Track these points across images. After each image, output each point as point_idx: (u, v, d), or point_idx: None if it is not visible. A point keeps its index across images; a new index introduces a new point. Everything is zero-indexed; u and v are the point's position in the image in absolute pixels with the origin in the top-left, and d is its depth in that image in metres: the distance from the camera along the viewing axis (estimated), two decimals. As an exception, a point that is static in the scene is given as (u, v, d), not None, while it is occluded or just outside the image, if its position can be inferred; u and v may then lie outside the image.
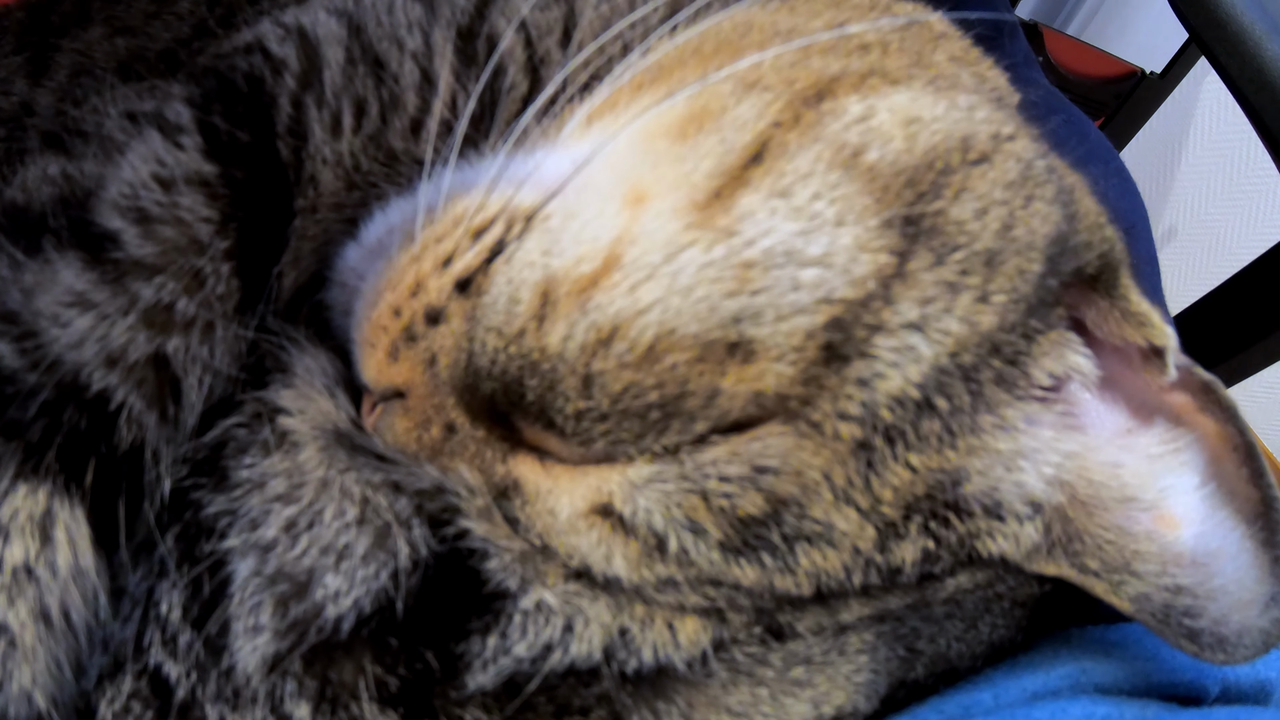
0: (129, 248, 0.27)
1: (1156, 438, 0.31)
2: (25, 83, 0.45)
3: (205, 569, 0.27)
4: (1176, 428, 0.30)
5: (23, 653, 0.26)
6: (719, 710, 0.26)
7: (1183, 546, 0.29)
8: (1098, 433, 0.31)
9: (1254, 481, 0.29)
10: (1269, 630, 0.28)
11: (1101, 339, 0.30)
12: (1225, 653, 0.29)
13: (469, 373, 0.24)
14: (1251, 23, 0.67)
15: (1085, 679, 0.34)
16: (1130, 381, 0.30)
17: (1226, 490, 0.29)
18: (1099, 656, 0.35)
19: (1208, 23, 0.68)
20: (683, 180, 0.23)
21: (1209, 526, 0.29)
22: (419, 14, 0.31)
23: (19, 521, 0.25)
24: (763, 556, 0.23)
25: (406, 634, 0.25)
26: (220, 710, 0.27)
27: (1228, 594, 0.29)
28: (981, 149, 0.24)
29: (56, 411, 0.25)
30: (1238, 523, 0.29)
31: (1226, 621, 0.28)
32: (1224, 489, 0.29)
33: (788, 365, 0.21)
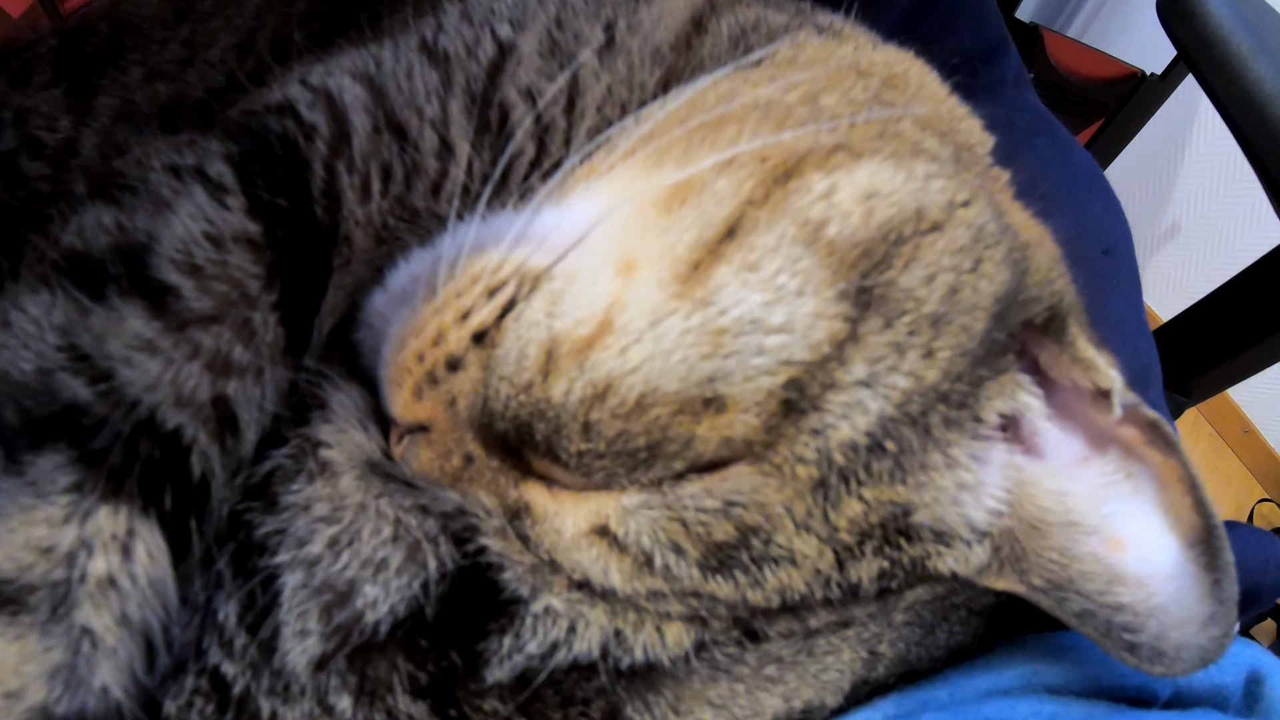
0: (188, 300, 0.32)
1: (1110, 466, 0.34)
2: (69, 120, 0.50)
3: (258, 582, 0.31)
4: (1128, 458, 0.34)
5: (104, 653, 0.30)
6: (701, 702, 0.31)
7: (1126, 567, 0.33)
8: (1055, 459, 0.35)
9: (1196, 510, 0.32)
10: (1207, 647, 0.31)
11: (1055, 379, 0.34)
12: (1164, 665, 0.32)
13: (485, 414, 0.29)
14: (1239, 43, 0.69)
15: (1036, 680, 0.38)
16: (1085, 415, 0.34)
17: (1172, 517, 0.33)
18: (1050, 660, 0.39)
19: (1196, 42, 0.70)
20: (667, 252, 0.27)
21: (1154, 550, 0.33)
22: (435, 82, 0.35)
23: (103, 538, 0.30)
24: (735, 574, 0.28)
25: (434, 635, 0.29)
26: (272, 703, 0.31)
27: (1168, 612, 0.32)
28: (934, 218, 0.28)
29: (133, 443, 0.30)
30: (1181, 547, 0.32)
31: (1166, 637, 0.32)
32: (1170, 516, 0.33)
33: (753, 417, 0.25)
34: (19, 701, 0.29)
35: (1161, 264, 1.63)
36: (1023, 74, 0.72)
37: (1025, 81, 0.71)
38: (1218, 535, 0.32)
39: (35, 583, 0.30)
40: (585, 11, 0.36)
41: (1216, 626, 0.31)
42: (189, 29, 0.54)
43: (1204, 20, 0.69)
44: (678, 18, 0.37)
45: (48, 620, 0.30)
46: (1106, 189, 0.63)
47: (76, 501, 0.30)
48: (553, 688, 0.30)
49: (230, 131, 0.37)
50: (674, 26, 0.36)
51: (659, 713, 0.31)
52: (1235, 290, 0.77)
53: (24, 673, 0.29)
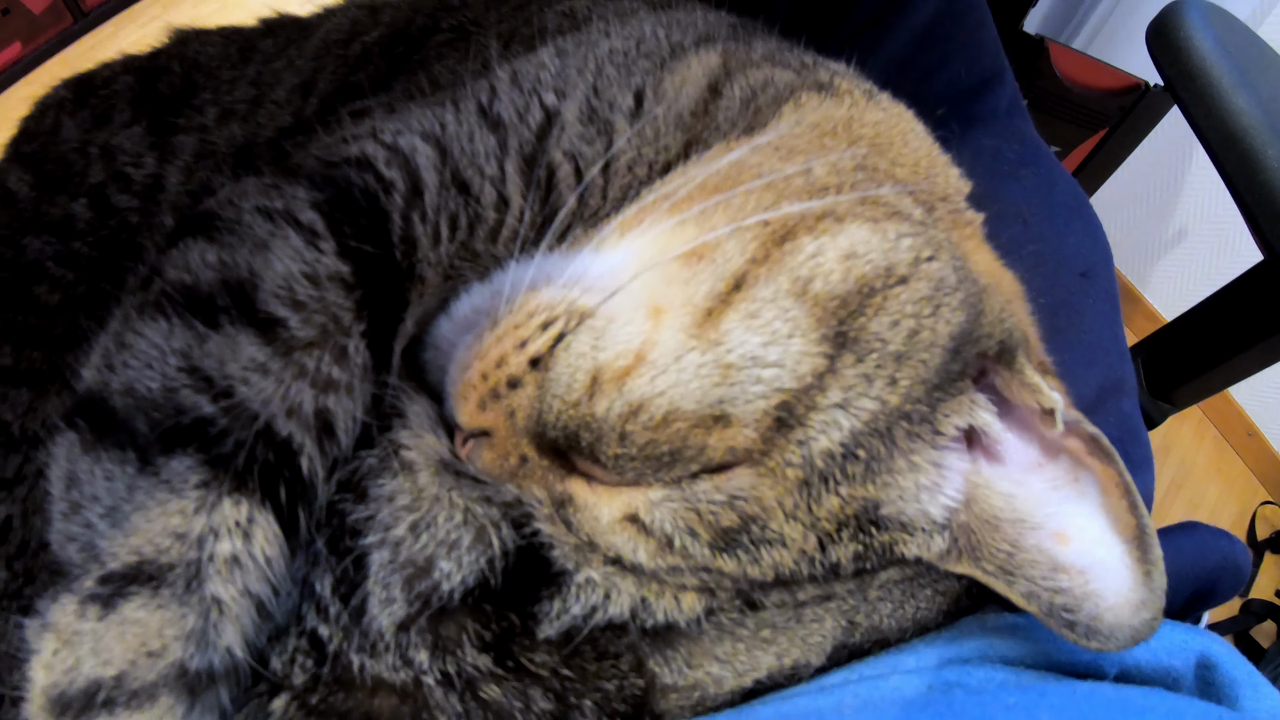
0: (294, 330, 0.40)
1: (1060, 472, 0.41)
2: (153, 158, 0.58)
3: (350, 560, 0.40)
4: (1076, 466, 0.40)
5: (229, 619, 0.38)
6: (709, 658, 0.39)
7: (1068, 558, 0.39)
8: (1013, 465, 0.42)
9: (1131, 511, 0.38)
10: (1138, 627, 0.37)
11: (1008, 397, 0.42)
12: (1099, 641, 0.37)
13: (539, 424, 0.37)
14: (1220, 76, 0.75)
15: (992, 652, 0.46)
16: (1038, 429, 0.42)
17: (1111, 517, 0.39)
18: (1006, 636, 0.47)
19: (1180, 74, 0.76)
20: (687, 301, 0.35)
21: (1093, 544, 0.39)
22: (493, 145, 0.43)
23: (227, 525, 0.38)
24: (738, 553, 0.36)
25: (497, 601, 0.38)
26: (361, 658, 0.40)
27: (1103, 597, 0.38)
28: (901, 273, 0.36)
29: (253, 448, 0.38)
30: (1118, 543, 0.39)
31: (1101, 618, 0.38)
32: (1109, 516, 0.39)
33: (752, 431, 0.34)
34: (160, 659, 0.36)
35: (1168, 268, 1.69)
36: (1017, 101, 0.79)
37: (1019, 109, 0.78)
38: (1149, 533, 0.38)
39: (173, 562, 0.37)
40: (618, 80, 0.44)
41: (1147, 610, 0.37)
42: (255, 69, 0.62)
43: (1188, 53, 0.75)
44: (697, 85, 0.45)
45: (184, 593, 0.37)
46: (1088, 215, 0.70)
47: (204, 496, 0.37)
48: (591, 644, 0.38)
49: (314, 181, 0.45)
50: (693, 94, 0.44)
51: (676, 665, 0.39)
52: (1214, 306, 0.84)
53: (165, 635, 0.36)
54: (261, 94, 0.60)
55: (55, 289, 0.55)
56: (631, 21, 0.51)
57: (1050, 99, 1.30)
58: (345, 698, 0.39)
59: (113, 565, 0.37)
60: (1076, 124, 1.33)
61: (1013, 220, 0.62)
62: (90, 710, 0.36)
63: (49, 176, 0.58)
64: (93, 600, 0.37)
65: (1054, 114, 1.31)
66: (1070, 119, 1.32)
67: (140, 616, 0.36)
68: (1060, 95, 1.29)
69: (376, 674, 0.39)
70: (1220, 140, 0.72)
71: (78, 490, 0.39)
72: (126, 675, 0.36)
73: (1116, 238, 1.78)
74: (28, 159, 0.60)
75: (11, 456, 0.52)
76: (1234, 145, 0.70)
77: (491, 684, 0.38)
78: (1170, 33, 0.76)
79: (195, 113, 0.59)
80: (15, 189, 0.59)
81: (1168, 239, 1.64)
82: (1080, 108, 1.29)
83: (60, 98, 0.62)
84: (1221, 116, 0.72)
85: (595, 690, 0.39)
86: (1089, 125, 1.33)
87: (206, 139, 0.58)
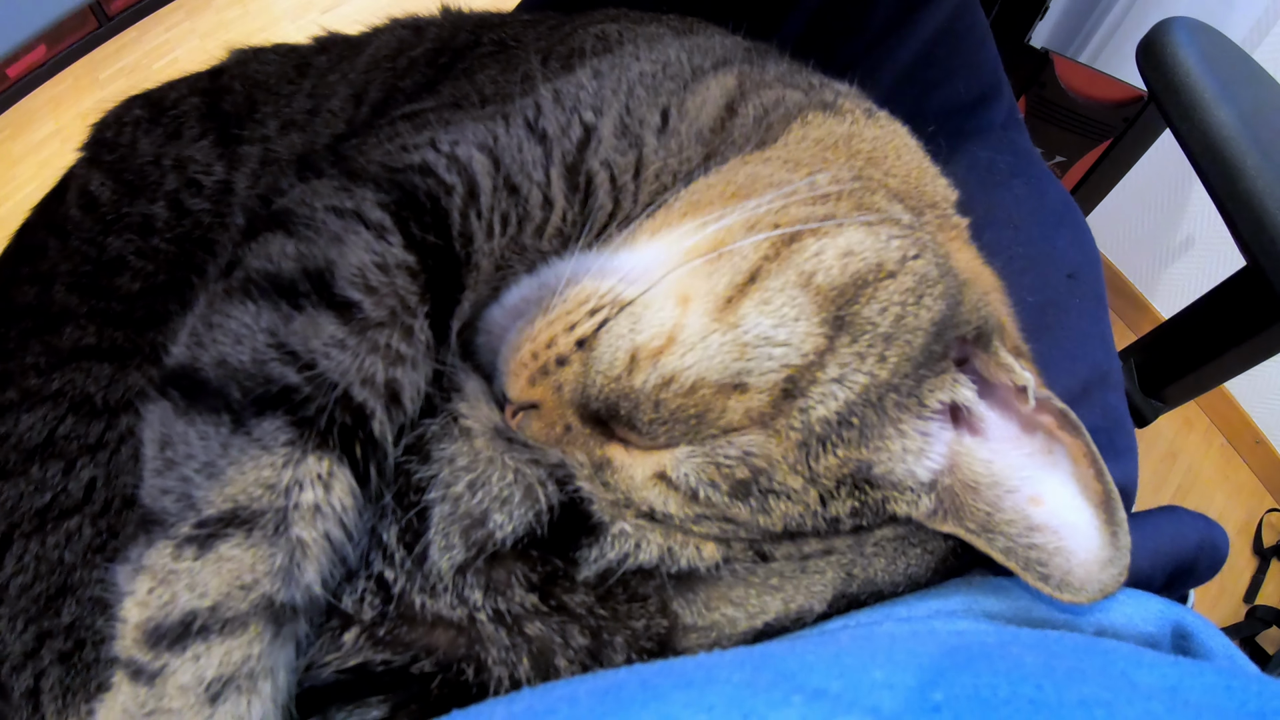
0: (367, 311, 0.48)
1: (1037, 444, 0.48)
2: (222, 166, 0.66)
3: (414, 513, 0.47)
4: (1050, 439, 0.47)
5: (310, 559, 0.45)
6: (725, 601, 0.47)
7: (1041, 519, 0.46)
8: (993, 438, 0.50)
9: (1098, 479, 0.45)
10: (1105, 581, 0.44)
11: (989, 379, 0.49)
12: (1070, 593, 0.44)
13: (584, 397, 0.45)
14: (1203, 90, 0.81)
15: (976, 607, 0.53)
16: (1011, 402, 0.49)
17: (1080, 484, 0.46)
18: (990, 593, 0.54)
19: (1165, 87, 0.83)
20: (710, 291, 0.43)
21: (1064, 508, 0.46)
22: (539, 155, 0.51)
23: (311, 478, 0.45)
24: (750, 502, 0.43)
25: (543, 547, 0.45)
26: (422, 598, 0.47)
27: (1075, 553, 0.45)
28: (889, 269, 0.44)
29: (333, 412, 0.46)
30: (1086, 506, 0.45)
31: (1073, 572, 0.44)
32: (1079, 483, 0.46)
33: (764, 398, 0.41)
34: (252, 591, 0.43)
35: (1176, 275, 1.76)
36: (1013, 116, 0.86)
37: (1015, 124, 0.85)
38: (1114, 498, 0.45)
39: (264, 509, 0.44)
40: (647, 100, 0.52)
41: (1114, 567, 0.44)
42: (310, 83, 0.71)
43: (1173, 68, 0.82)
44: (716, 104, 0.53)
45: (273, 535, 0.44)
46: (1077, 222, 0.78)
47: (291, 453, 0.45)
48: (622, 586, 0.46)
49: (380, 184, 0.53)
50: (712, 113, 0.52)
51: (696, 608, 0.46)
52: (1202, 309, 0.91)
53: (256, 570, 0.43)
54: (318, 105, 0.68)
55: (136, 279, 0.63)
56: (658, 46, 0.59)
57: (1055, 110, 1.37)
58: (408, 630, 0.46)
59: (209, 512, 0.44)
60: (1081, 134, 1.40)
61: (1004, 225, 0.70)
62: (185, 638, 0.42)
63: (129, 185, 0.67)
64: (190, 542, 0.43)
65: (1059, 124, 1.39)
66: (1075, 129, 1.40)
67: (235, 554, 0.43)
68: (1065, 106, 1.37)
69: (436, 611, 0.46)
70: (1202, 150, 0.78)
71: (172, 450, 0.46)
72: (221, 605, 0.42)
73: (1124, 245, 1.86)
74: (109, 167, 0.68)
75: (95, 424, 0.58)
76: (1215, 155, 0.76)
77: (536, 620, 0.46)
78: (1158, 48, 0.83)
79: (258, 125, 0.68)
80: (98, 194, 0.67)
81: (1175, 247, 1.71)
82: (1085, 119, 1.37)
83: (136, 116, 0.70)
84: (1204, 128, 0.77)
85: (626, 628, 0.46)
86: (1093, 135, 1.41)
87: (269, 148, 0.66)
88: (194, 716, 0.42)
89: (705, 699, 0.29)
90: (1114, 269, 1.87)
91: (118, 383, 0.60)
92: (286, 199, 0.56)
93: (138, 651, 0.43)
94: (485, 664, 0.46)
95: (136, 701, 0.43)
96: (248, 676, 0.43)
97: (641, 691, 0.32)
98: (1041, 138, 1.38)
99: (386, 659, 0.46)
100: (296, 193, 0.56)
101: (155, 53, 2.51)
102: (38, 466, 0.58)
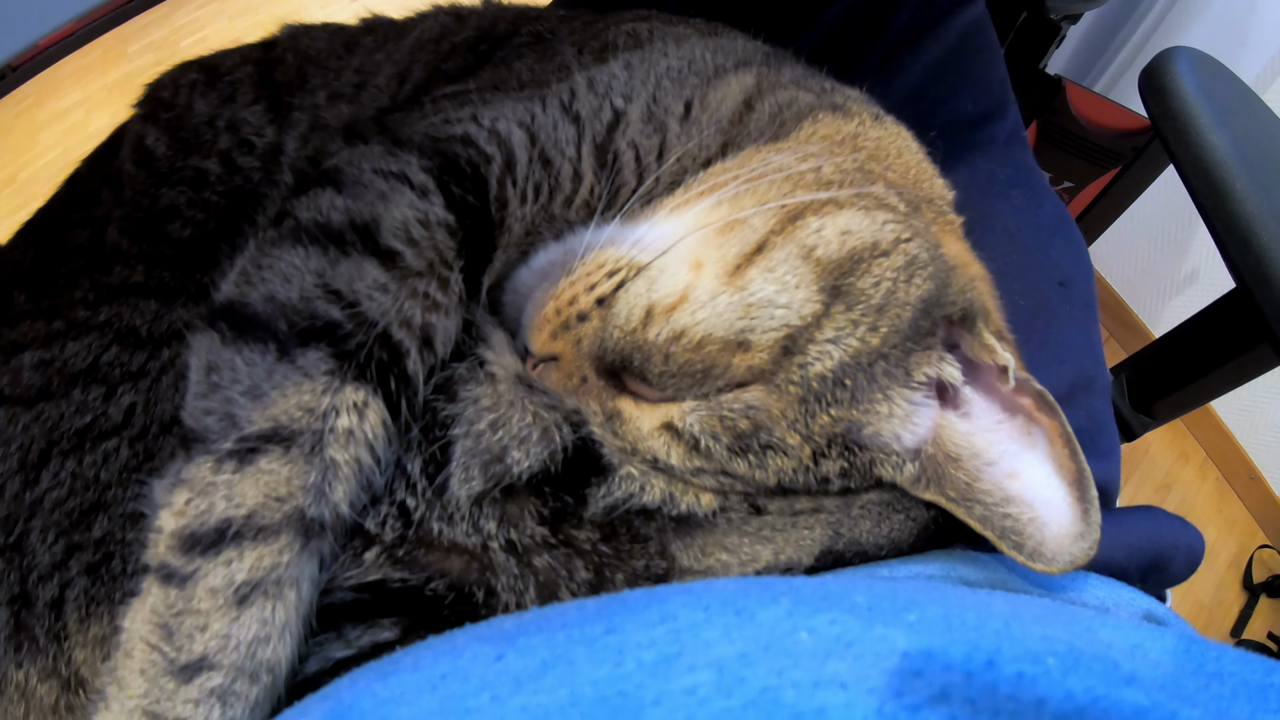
0: (408, 261, 0.53)
1: (1018, 424, 0.53)
2: (273, 129, 0.73)
3: (437, 446, 0.53)
4: (1029, 420, 0.52)
5: (341, 480, 0.50)
6: (720, 548, 0.52)
7: (1016, 491, 0.50)
8: (976, 415, 0.54)
9: (1072, 458, 0.48)
10: (1076, 555, 0.47)
11: (972, 359, 0.55)
12: (1043, 563, 0.48)
13: (600, 349, 0.50)
14: (1199, 115, 0.87)
15: (954, 574, 0.58)
16: (996, 387, 0.55)
17: (1055, 462, 0.50)
18: (968, 563, 0.58)
19: (1163, 112, 0.89)
20: (721, 259, 0.49)
21: (1039, 484, 0.50)
22: (572, 134, 0.57)
23: (347, 405, 0.50)
24: (749, 456, 0.49)
25: (555, 484, 0.51)
26: (440, 525, 0.52)
27: (1048, 526, 0.49)
28: (883, 248, 0.49)
29: (372, 348, 0.51)
30: (1060, 483, 0.49)
31: (1045, 543, 0.48)
32: (1053, 460, 0.50)
33: (765, 355, 0.47)
34: (286, 504, 0.47)
35: (1179, 307, 1.82)
36: (1017, 134, 0.92)
37: (1019, 141, 0.91)
38: (1086, 476, 0.49)
39: (302, 430, 0.48)
40: (672, 92, 0.59)
41: (1084, 541, 0.47)
42: (358, 60, 0.77)
43: (1172, 94, 0.88)
44: (735, 99, 0.59)
45: (309, 453, 0.48)
46: (1071, 234, 0.83)
47: (331, 381, 0.49)
48: (626, 526, 0.51)
49: (424, 151, 0.59)
50: (731, 107, 0.58)
51: (693, 551, 0.52)
52: (1192, 328, 0.97)
53: (291, 485, 0.47)
54: (364, 80, 0.74)
55: (186, 226, 0.69)
56: (685, 45, 0.65)
57: (1066, 136, 1.44)
58: (425, 553, 0.52)
59: (250, 430, 0.48)
60: (1090, 161, 1.47)
61: (1000, 232, 0.75)
62: (220, 544, 0.46)
63: (183, 141, 0.73)
64: (230, 457, 0.47)
65: (1069, 151, 1.45)
66: (1084, 156, 1.46)
67: (273, 468, 0.47)
68: (1075, 133, 1.43)
69: (452, 538, 0.52)
70: (1195, 172, 0.82)
71: (217, 375, 0.50)
72: (256, 514, 0.46)
73: (1129, 276, 1.92)
74: (165, 124, 0.74)
75: (138, 354, 0.63)
76: (1206, 177, 0.81)
77: (544, 553, 0.51)
78: (1159, 75, 0.89)
79: (308, 95, 0.74)
80: (153, 149, 0.73)
81: (1179, 280, 1.77)
82: (1094, 146, 1.44)
83: (192, 79, 0.77)
84: (1197, 151, 0.82)
85: (627, 566, 0.51)
86: (1102, 163, 1.47)
87: (318, 115, 0.72)
88: (221, 617, 0.46)
89: (702, 600, 0.34)
90: (1117, 298, 1.92)
91: (163, 318, 0.65)
92: (335, 159, 0.62)
93: (171, 557, 0.47)
94: (495, 590, 0.51)
95: (166, 603, 0.46)
96: (275, 583, 0.47)
97: (645, 596, 0.37)
98: (1050, 163, 1.45)
99: (404, 577, 0.51)
100: (345, 155, 0.62)
101: (184, 30, 2.60)
102: (80, 390, 0.62)
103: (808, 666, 0.27)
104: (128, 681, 0.47)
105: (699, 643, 0.29)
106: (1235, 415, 1.81)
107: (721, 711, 0.26)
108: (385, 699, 0.36)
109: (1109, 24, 1.55)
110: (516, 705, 0.29)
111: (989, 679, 0.27)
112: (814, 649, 0.28)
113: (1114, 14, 1.54)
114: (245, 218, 0.66)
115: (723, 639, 0.29)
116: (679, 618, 0.31)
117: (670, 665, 0.28)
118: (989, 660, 0.28)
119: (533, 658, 0.32)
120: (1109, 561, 0.63)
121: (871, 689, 0.26)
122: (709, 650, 0.29)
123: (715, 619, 0.31)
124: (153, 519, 0.49)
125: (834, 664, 0.27)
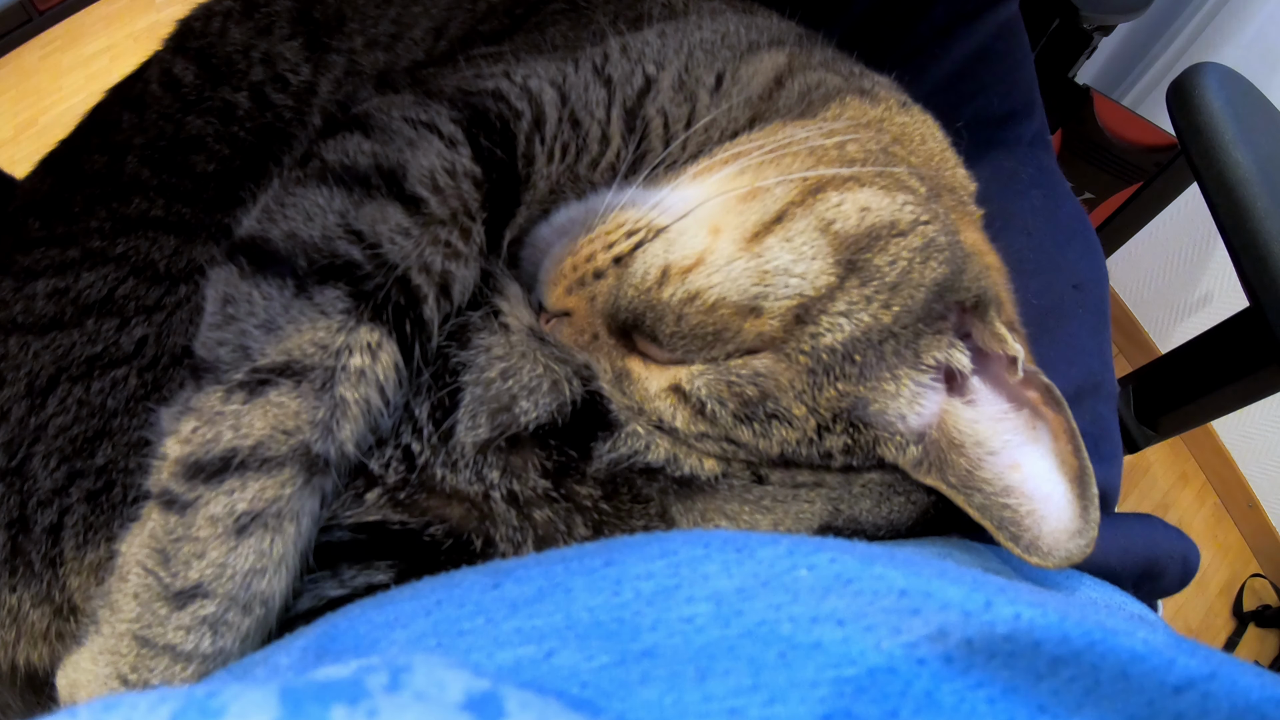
0: (433, 208, 0.54)
1: (1022, 417, 0.53)
2: (309, 68, 0.73)
3: (446, 392, 0.54)
4: (1035, 414, 0.52)
5: (349, 419, 0.51)
6: (720, 514, 0.53)
7: (1016, 483, 0.51)
8: (982, 405, 0.55)
9: (1075, 454, 0.48)
10: (1072, 551, 0.47)
11: (982, 348, 0.55)
12: (1039, 556, 0.48)
13: (614, 308, 0.51)
14: (1224, 131, 0.87)
15: (949, 560, 0.59)
16: (1005, 379, 0.55)
17: (1058, 457, 0.50)
18: (963, 551, 0.59)
19: (1189, 128, 0.89)
20: (740, 225, 0.49)
21: (1040, 479, 0.50)
22: (603, 96, 0.58)
23: (360, 345, 0.50)
24: (754, 425, 0.49)
25: (561, 437, 0.51)
26: (444, 471, 0.53)
27: (1046, 520, 0.49)
28: (901, 228, 0.50)
29: (390, 290, 0.52)
30: (1061, 479, 0.49)
31: (1042, 537, 0.48)
32: (1056, 455, 0.50)
33: (777, 322, 0.47)
34: (292, 437, 0.48)
35: (1191, 329, 1.82)
36: (1042, 136, 0.93)
37: (1043, 143, 0.91)
38: (1088, 473, 0.49)
39: (314, 365, 0.49)
40: (704, 63, 0.59)
41: (1081, 538, 0.47)
42: (396, 10, 0.77)
43: (1198, 109, 0.87)
44: (766, 75, 0.60)
45: (319, 389, 0.49)
46: (1088, 238, 0.84)
47: (346, 320, 0.50)
48: (628, 486, 0.52)
49: (455, 103, 0.60)
50: (762, 82, 0.59)
51: (693, 516, 0.53)
52: (1203, 344, 0.97)
53: (299, 419, 0.48)
54: (401, 31, 0.75)
55: (211, 160, 0.69)
56: (719, 19, 0.66)
57: (1090, 147, 1.44)
58: (427, 498, 0.53)
59: (262, 362, 0.49)
60: (1113, 174, 1.47)
61: (1018, 231, 0.76)
62: (223, 473, 0.47)
63: (214, 70, 0.73)
64: (240, 388, 0.48)
65: (1093, 162, 1.45)
66: (1108, 168, 1.46)
67: (282, 401, 0.48)
68: (1100, 145, 1.43)
69: (454, 485, 0.52)
70: (1217, 188, 0.82)
71: (234, 307, 0.51)
72: (261, 446, 0.47)
73: (1144, 295, 1.91)
74: (195, 53, 0.74)
75: (154, 289, 0.63)
76: (1229, 194, 0.81)
77: (545, 507, 0.52)
78: (1187, 89, 0.89)
79: (345, 38, 0.74)
80: (180, 76, 0.74)
81: (1193, 301, 1.77)
82: (1118, 159, 1.43)
83: (228, 7, 0.77)
84: (1220, 168, 0.82)
85: (627, 527, 0.52)
86: (1124, 177, 1.47)
87: (354, 60, 0.73)
88: (219, 546, 0.46)
89: (703, 539, 0.35)
90: (1129, 314, 1.92)
91: (181, 254, 0.65)
92: (366, 105, 0.62)
93: (174, 484, 0.47)
94: (493, 540, 0.52)
95: (165, 529, 0.47)
96: (275, 515, 0.47)
97: (646, 536, 0.38)
98: (1073, 172, 1.44)
99: (403, 520, 0.52)
100: (375, 102, 0.62)
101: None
102: (93, 320, 0.62)
103: (806, 602, 0.28)
104: (120, 605, 0.48)
105: (698, 576, 0.30)
106: (1238, 441, 1.82)
107: (718, 640, 0.27)
108: (380, 623, 0.37)
109: (1141, 39, 1.54)
110: (511, 628, 0.30)
111: (986, 619, 0.28)
112: (813, 585, 0.29)
113: (1147, 29, 1.53)
114: (273, 157, 0.67)
115: (722, 573, 0.30)
116: (679, 553, 0.32)
117: (669, 596, 0.29)
118: (987, 602, 0.29)
119: (529, 586, 0.33)
120: (1103, 564, 0.63)
121: (869, 626, 0.27)
122: (708, 583, 0.30)
123: (715, 555, 0.32)
124: (158, 446, 0.49)
125: (832, 600, 0.28)
